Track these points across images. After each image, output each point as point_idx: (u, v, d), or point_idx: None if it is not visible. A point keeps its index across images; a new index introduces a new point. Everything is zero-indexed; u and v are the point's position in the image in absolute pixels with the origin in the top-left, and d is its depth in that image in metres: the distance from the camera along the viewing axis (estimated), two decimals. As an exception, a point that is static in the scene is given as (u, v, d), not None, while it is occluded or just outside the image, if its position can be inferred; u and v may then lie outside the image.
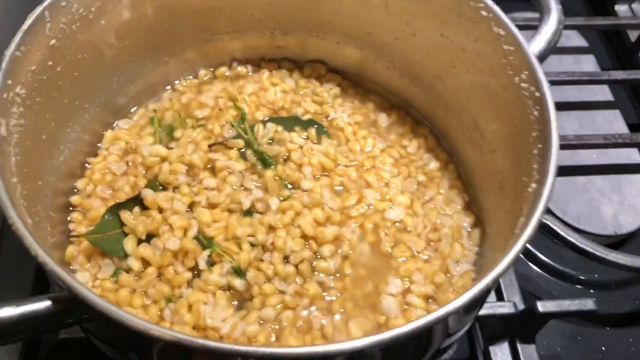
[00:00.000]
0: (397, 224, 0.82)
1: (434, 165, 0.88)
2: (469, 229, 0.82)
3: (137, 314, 0.72)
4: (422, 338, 0.58)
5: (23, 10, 0.68)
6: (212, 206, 0.79)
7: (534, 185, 0.61)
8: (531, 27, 0.91)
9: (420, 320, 0.50)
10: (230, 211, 0.80)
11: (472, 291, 0.52)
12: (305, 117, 0.91)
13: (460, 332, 0.68)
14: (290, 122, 0.90)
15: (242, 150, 0.86)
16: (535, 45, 0.72)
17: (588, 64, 1.23)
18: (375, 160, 0.87)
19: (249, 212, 0.79)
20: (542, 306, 0.80)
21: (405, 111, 0.94)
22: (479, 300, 0.53)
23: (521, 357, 0.82)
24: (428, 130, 0.92)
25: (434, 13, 0.80)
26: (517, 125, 0.71)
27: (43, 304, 0.52)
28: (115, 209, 0.77)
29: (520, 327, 0.83)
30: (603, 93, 1.17)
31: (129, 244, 0.75)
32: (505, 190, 0.76)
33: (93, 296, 0.50)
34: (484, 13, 0.72)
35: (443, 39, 0.80)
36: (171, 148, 0.84)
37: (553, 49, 0.74)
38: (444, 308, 0.51)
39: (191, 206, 0.80)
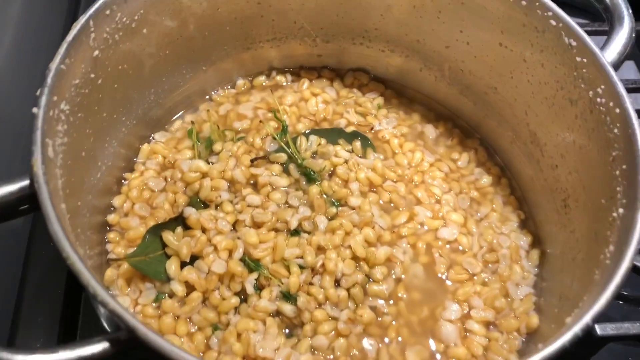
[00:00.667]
0: (451, 244, 0.78)
1: (486, 180, 0.84)
2: (527, 249, 0.78)
3: (182, 343, 0.68)
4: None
5: (55, 20, 0.64)
6: (257, 225, 0.75)
7: (621, 210, 0.57)
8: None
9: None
10: (277, 230, 0.75)
11: (573, 330, 0.47)
12: (349, 129, 0.86)
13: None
14: (334, 135, 0.85)
15: (285, 164, 0.81)
16: (608, 55, 0.68)
17: (628, 70, 1.19)
18: (424, 175, 0.83)
19: (295, 232, 0.75)
20: (601, 329, 0.75)
21: (452, 122, 0.89)
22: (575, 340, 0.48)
23: (575, 381, 0.78)
24: (479, 143, 0.87)
25: (493, 21, 0.75)
26: (588, 141, 0.67)
27: (100, 346, 0.47)
28: (156, 230, 0.73)
29: (575, 350, 0.79)
30: (647, 101, 1.13)
31: (172, 266, 0.71)
32: (570, 210, 0.71)
33: (159, 339, 0.45)
34: (552, 22, 0.68)
35: (502, 48, 0.76)
36: (211, 162, 0.80)
37: (625, 59, 0.69)
38: (554, 346, 0.46)
39: (235, 225, 0.75)
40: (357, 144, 0.84)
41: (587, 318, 0.48)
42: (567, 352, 0.76)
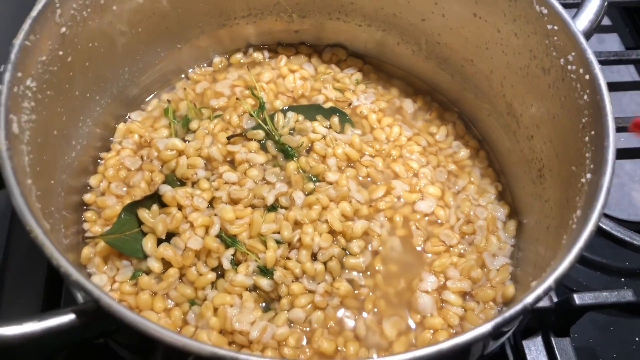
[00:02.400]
0: (428, 217, 0.78)
1: (464, 153, 0.84)
2: (504, 220, 0.78)
3: (159, 318, 0.68)
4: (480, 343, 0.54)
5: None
6: (234, 202, 0.75)
7: (589, 175, 0.57)
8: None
9: (492, 322, 0.46)
10: (253, 207, 0.75)
11: (536, 292, 0.47)
12: (327, 105, 0.86)
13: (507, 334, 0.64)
14: (312, 111, 0.85)
15: (262, 141, 0.81)
16: (579, 24, 0.68)
17: (612, 43, 1.18)
18: (402, 150, 0.83)
19: (272, 208, 0.75)
20: (579, 299, 0.76)
21: (431, 96, 0.89)
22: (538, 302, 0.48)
23: (556, 351, 0.78)
24: (457, 116, 0.87)
25: (467, -8, 0.75)
26: (561, 110, 0.67)
27: (67, 318, 0.48)
28: (132, 208, 0.73)
29: (555, 320, 0.79)
30: (629, 73, 1.12)
31: (148, 244, 0.71)
32: (545, 180, 0.72)
33: (123, 309, 0.45)
34: (524, -10, 0.68)
35: (476, 19, 0.76)
36: (188, 141, 0.80)
37: (597, 28, 0.69)
38: (515, 308, 0.46)
39: (212, 202, 0.75)
40: (335, 119, 0.84)
41: (549, 280, 0.48)
42: (546, 321, 0.77)
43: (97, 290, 0.46)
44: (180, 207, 0.73)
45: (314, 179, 0.78)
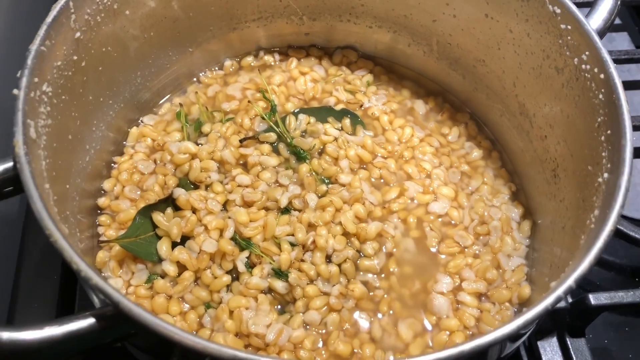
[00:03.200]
0: (442, 218, 0.78)
1: (477, 153, 0.83)
2: (518, 221, 0.78)
3: (175, 322, 0.68)
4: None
5: (41, 2, 0.64)
6: (247, 204, 0.75)
7: (606, 175, 0.57)
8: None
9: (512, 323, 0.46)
10: (267, 209, 0.75)
11: (556, 292, 0.47)
12: (338, 107, 0.86)
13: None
14: (323, 113, 0.85)
15: (275, 144, 0.81)
16: (593, 23, 0.67)
17: (622, 42, 1.18)
18: (414, 151, 0.83)
19: (286, 210, 0.75)
20: (594, 299, 0.76)
21: (442, 97, 0.89)
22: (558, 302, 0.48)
23: (571, 351, 0.78)
24: (469, 117, 0.87)
25: (478, -8, 0.75)
26: (575, 109, 0.67)
27: (86, 322, 0.48)
28: (146, 211, 0.73)
29: (570, 320, 0.79)
30: (640, 72, 1.12)
31: (163, 247, 0.71)
32: (560, 180, 0.71)
33: (143, 312, 0.45)
34: (537, -10, 0.68)
35: (488, 19, 0.76)
36: (200, 144, 0.80)
37: (610, 26, 0.69)
38: (537, 309, 0.46)
39: (225, 205, 0.75)
40: (347, 121, 0.84)
41: (570, 281, 0.48)
42: (561, 322, 0.76)
43: (117, 293, 0.46)
44: (194, 210, 0.74)
45: (326, 181, 0.78)
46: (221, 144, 0.79)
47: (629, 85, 1.10)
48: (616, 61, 1.02)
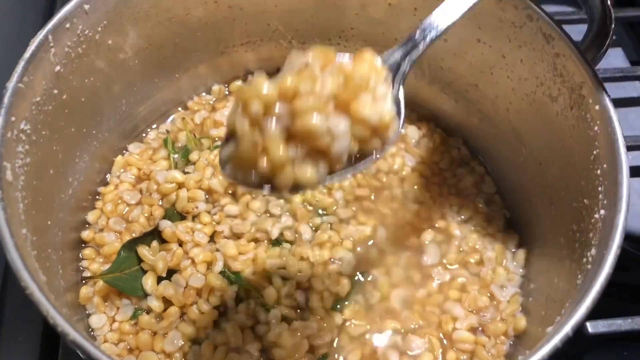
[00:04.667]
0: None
1: (469, 180, 0.82)
2: (513, 250, 0.76)
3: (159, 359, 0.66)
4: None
5: (25, 34, 0.62)
6: (236, 236, 0.73)
7: (602, 212, 0.55)
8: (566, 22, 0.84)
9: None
10: (256, 241, 0.73)
11: (553, 341, 0.46)
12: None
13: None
14: None
15: (264, 172, 0.79)
16: (587, 48, 0.66)
17: (617, 58, 1.16)
18: (404, 183, 0.81)
19: (277, 242, 0.73)
20: (592, 327, 0.74)
21: (434, 122, 0.87)
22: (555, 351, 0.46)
23: (569, 380, 0.76)
24: (462, 142, 0.85)
25: (470, 17, 0.71)
26: (570, 139, 0.65)
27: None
28: (131, 245, 0.71)
29: (568, 350, 0.77)
30: (635, 89, 1.10)
31: (148, 282, 0.69)
32: (555, 209, 0.70)
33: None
34: (529, 17, 0.66)
35: (480, 44, 0.74)
36: (188, 172, 0.78)
37: (606, 51, 0.67)
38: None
39: (213, 236, 0.73)
40: None
41: (567, 328, 0.46)
42: (558, 351, 0.75)
43: (96, 350, 0.44)
44: (180, 243, 0.72)
45: (321, 213, 0.76)
46: (209, 172, 0.77)
47: (623, 103, 1.08)
48: (611, 79, 1.01)
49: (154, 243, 0.71)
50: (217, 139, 0.83)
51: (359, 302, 0.71)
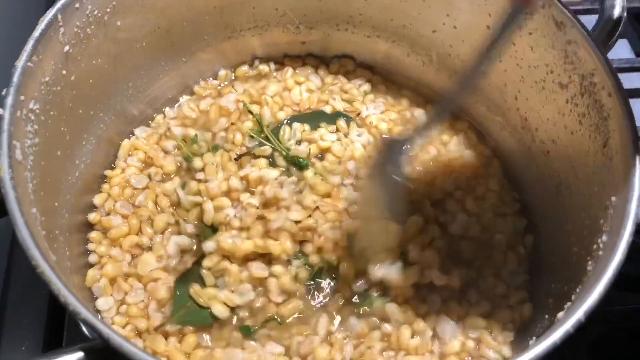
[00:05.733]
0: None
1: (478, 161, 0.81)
2: (522, 233, 0.76)
3: (167, 344, 0.66)
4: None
5: (29, 15, 0.62)
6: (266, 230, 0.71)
7: (613, 199, 0.55)
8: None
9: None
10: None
11: (565, 327, 0.45)
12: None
13: None
14: (315, 119, 0.83)
15: (270, 157, 0.79)
16: (599, 36, 0.65)
17: (622, 49, 1.16)
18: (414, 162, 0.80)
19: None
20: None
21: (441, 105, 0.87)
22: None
23: None
24: (468, 125, 0.85)
25: (480, 4, 0.73)
26: (580, 127, 0.65)
27: (75, 356, 0.46)
28: (182, 281, 0.69)
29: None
30: (640, 80, 1.10)
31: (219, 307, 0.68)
32: (563, 197, 0.69)
33: (133, 348, 0.43)
34: (540, 3, 0.65)
35: (489, 31, 0.73)
36: (199, 180, 0.75)
37: (617, 38, 0.67)
38: (544, 344, 0.45)
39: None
40: (341, 122, 0.82)
41: (579, 314, 0.46)
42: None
43: (107, 328, 0.44)
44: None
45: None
46: (222, 175, 0.76)
47: (629, 94, 1.08)
48: (618, 70, 1.00)
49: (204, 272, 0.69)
50: (216, 133, 0.82)
51: None
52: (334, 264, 0.70)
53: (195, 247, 0.72)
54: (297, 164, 0.78)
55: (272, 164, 0.78)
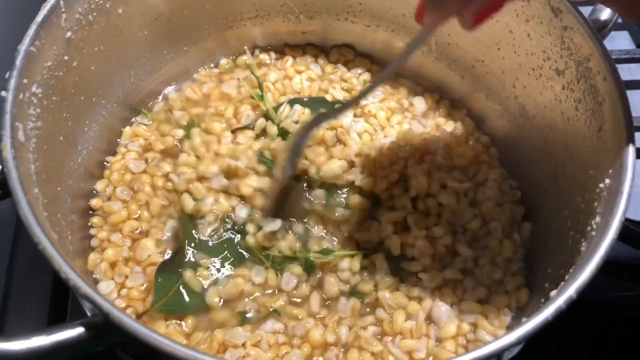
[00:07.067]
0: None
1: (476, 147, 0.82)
2: (519, 221, 0.76)
3: (167, 326, 0.67)
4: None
5: (32, 0, 0.62)
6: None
7: (607, 181, 0.56)
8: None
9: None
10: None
11: (557, 302, 0.46)
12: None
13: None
14: (316, 104, 0.84)
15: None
16: (595, 22, 0.66)
17: (623, 40, 1.16)
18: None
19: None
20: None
21: (439, 94, 0.88)
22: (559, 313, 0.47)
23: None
24: (465, 114, 0.85)
25: (478, -9, 0.73)
26: (575, 112, 0.66)
27: (75, 331, 0.47)
28: (163, 272, 0.69)
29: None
30: (640, 72, 1.10)
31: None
32: (560, 182, 0.70)
33: (133, 322, 0.44)
34: (537, -10, 0.66)
35: (487, 19, 0.74)
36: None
37: (613, 26, 0.67)
38: (536, 320, 0.45)
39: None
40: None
41: (570, 291, 0.47)
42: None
43: (107, 303, 0.45)
44: None
45: None
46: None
47: (629, 85, 1.08)
48: (617, 61, 1.00)
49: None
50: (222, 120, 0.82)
51: None
52: None
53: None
54: (284, 138, 0.79)
55: (263, 134, 0.80)
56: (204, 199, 0.73)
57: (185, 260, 0.70)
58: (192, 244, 0.71)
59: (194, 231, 0.72)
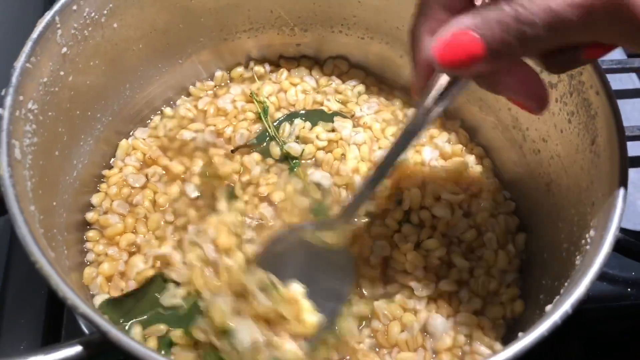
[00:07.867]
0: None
1: (471, 159, 0.82)
2: (513, 232, 0.77)
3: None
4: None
5: (27, 17, 0.62)
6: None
7: (600, 194, 0.56)
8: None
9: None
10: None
11: (552, 318, 0.47)
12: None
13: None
14: (315, 116, 0.85)
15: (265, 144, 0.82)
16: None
17: (614, 51, 1.17)
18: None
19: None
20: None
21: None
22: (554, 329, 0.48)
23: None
24: (459, 124, 0.86)
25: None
26: (569, 125, 0.66)
27: (73, 350, 0.47)
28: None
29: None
30: (632, 81, 1.11)
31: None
32: (554, 195, 0.71)
33: (131, 342, 0.44)
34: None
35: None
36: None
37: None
38: (532, 336, 0.46)
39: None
40: (338, 123, 0.84)
41: (566, 306, 0.47)
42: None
43: (105, 322, 0.45)
44: None
45: None
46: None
47: (621, 94, 1.09)
48: (608, 70, 1.02)
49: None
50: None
51: None
52: None
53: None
54: (288, 162, 0.80)
55: (267, 153, 0.81)
56: None
57: None
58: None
59: None
